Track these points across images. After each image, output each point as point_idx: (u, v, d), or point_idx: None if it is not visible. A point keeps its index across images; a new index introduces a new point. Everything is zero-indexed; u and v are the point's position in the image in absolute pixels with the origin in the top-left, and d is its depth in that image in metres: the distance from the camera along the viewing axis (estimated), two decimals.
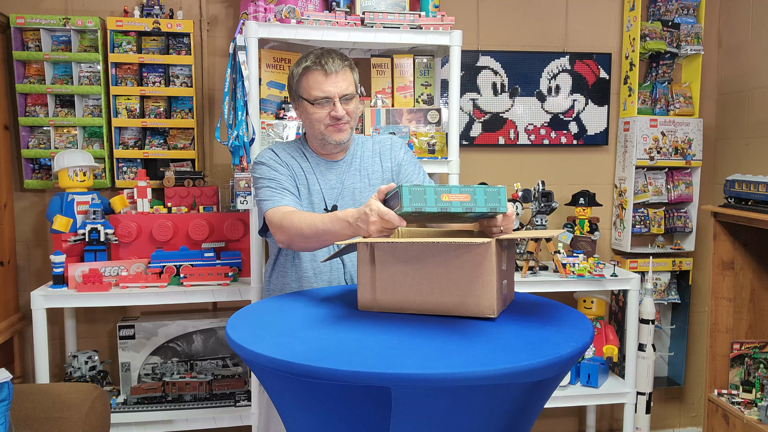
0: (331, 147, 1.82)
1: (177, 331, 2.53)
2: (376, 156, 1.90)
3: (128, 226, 2.35)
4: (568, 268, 2.55)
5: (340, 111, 1.74)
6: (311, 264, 1.83)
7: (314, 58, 1.75)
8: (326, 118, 1.76)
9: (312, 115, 1.77)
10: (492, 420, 1.11)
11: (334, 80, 1.73)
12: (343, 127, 1.78)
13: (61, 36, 2.56)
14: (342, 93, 1.75)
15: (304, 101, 1.77)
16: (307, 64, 1.75)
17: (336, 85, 1.73)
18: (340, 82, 1.74)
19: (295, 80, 1.79)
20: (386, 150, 1.92)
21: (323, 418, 1.12)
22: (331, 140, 1.79)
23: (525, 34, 2.94)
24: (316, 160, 1.85)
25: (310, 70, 1.74)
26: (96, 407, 1.88)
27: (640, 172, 2.99)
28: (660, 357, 3.16)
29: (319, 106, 1.75)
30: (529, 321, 1.32)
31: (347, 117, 1.77)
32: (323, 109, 1.75)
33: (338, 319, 1.34)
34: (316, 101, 1.75)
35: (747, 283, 2.74)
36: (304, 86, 1.76)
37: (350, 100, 1.78)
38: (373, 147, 1.92)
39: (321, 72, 1.73)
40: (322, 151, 1.85)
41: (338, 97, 1.74)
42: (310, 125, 1.80)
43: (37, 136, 2.58)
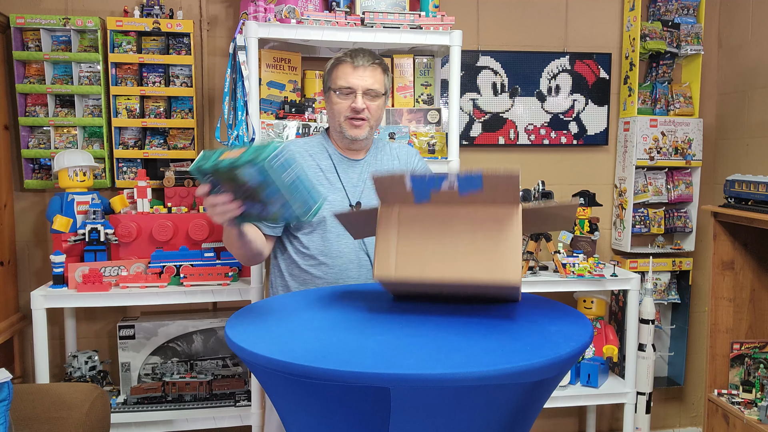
0: (348, 142, 1.85)
1: (177, 331, 2.53)
2: (395, 158, 1.94)
3: (128, 226, 2.35)
4: (568, 268, 2.55)
5: (360, 103, 1.77)
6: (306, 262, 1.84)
7: (347, 52, 1.81)
8: (347, 109, 1.79)
9: (334, 105, 1.81)
10: (492, 420, 1.11)
11: (361, 74, 1.78)
12: (360, 123, 1.80)
13: (61, 36, 2.56)
14: (366, 87, 1.78)
15: (330, 91, 1.82)
16: (339, 56, 1.82)
17: (361, 78, 1.78)
18: (367, 76, 1.78)
19: (327, 72, 1.85)
20: (403, 155, 1.96)
21: (323, 419, 1.12)
22: (347, 134, 1.81)
23: (525, 34, 2.95)
24: (339, 157, 1.87)
25: (341, 62, 1.80)
26: (96, 407, 1.88)
27: (640, 172, 2.99)
28: (660, 357, 3.16)
29: (341, 96, 1.79)
30: (529, 321, 1.32)
31: (367, 113, 1.79)
32: (345, 100, 1.79)
33: (338, 319, 1.34)
34: (339, 90, 1.79)
35: (747, 283, 2.74)
36: (333, 77, 1.82)
37: (375, 98, 1.81)
38: (391, 151, 1.96)
39: (349, 64, 1.78)
40: (343, 147, 1.87)
41: (361, 90, 1.78)
42: (331, 116, 1.85)
43: (37, 136, 2.58)
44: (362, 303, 1.49)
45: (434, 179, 1.26)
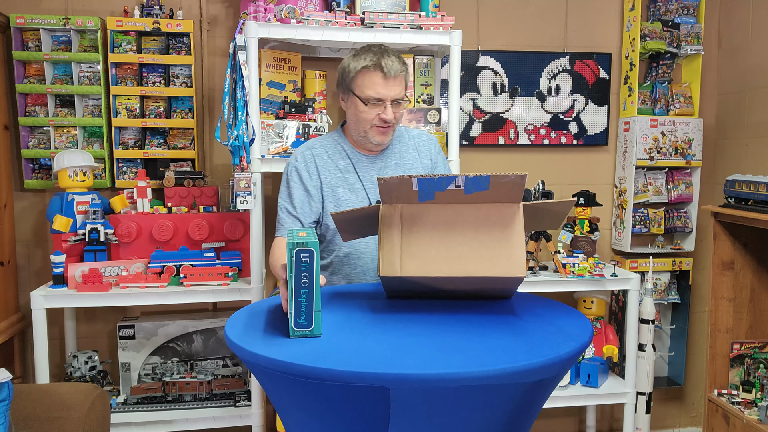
0: (372, 146, 1.84)
1: (177, 331, 2.53)
2: (414, 150, 1.92)
3: (128, 226, 2.35)
4: (568, 268, 2.55)
5: (390, 115, 1.76)
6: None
7: (375, 58, 1.74)
8: (375, 119, 1.77)
9: (361, 113, 1.78)
10: (492, 420, 1.11)
11: (392, 84, 1.75)
12: (387, 130, 1.80)
13: (61, 36, 2.56)
14: (394, 97, 1.76)
15: (356, 98, 1.78)
16: (366, 63, 1.75)
17: (392, 89, 1.75)
18: (396, 86, 1.76)
19: (351, 76, 1.78)
20: (423, 145, 1.94)
21: (322, 419, 1.12)
22: (374, 140, 1.81)
23: (525, 34, 2.94)
24: (357, 156, 1.87)
25: (370, 69, 1.74)
26: (96, 407, 1.88)
27: (640, 172, 2.99)
28: (660, 357, 3.16)
29: (371, 106, 1.76)
30: (529, 321, 1.32)
31: (393, 120, 1.79)
32: (374, 110, 1.76)
33: (337, 319, 1.34)
34: (369, 101, 1.75)
35: (747, 283, 2.74)
36: (359, 84, 1.76)
37: (399, 105, 1.79)
38: (410, 141, 1.94)
39: (380, 74, 1.74)
40: (362, 147, 1.87)
41: (390, 100, 1.75)
42: (356, 122, 1.81)
43: (37, 136, 2.58)
44: (362, 303, 1.49)
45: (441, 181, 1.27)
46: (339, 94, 1.87)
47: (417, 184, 1.27)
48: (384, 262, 1.32)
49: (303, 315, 1.20)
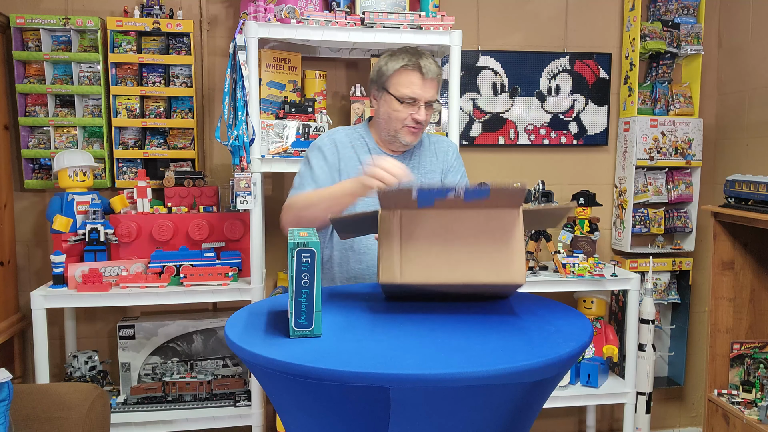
0: (399, 145, 1.85)
1: (177, 331, 2.53)
2: (433, 154, 1.93)
3: (128, 226, 2.35)
4: (568, 268, 2.55)
5: (423, 116, 1.77)
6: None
7: (413, 58, 1.75)
8: (407, 118, 1.78)
9: (394, 112, 1.78)
10: (491, 420, 1.11)
11: (428, 86, 1.76)
12: (418, 131, 1.81)
13: (61, 36, 2.56)
14: (429, 99, 1.78)
15: (391, 96, 1.78)
16: (405, 62, 1.76)
17: (428, 90, 1.76)
18: (432, 88, 1.77)
19: (388, 74, 1.78)
20: (442, 150, 1.95)
21: (322, 419, 1.12)
22: (403, 140, 1.82)
23: (525, 34, 2.95)
24: (378, 153, 1.87)
25: (408, 68, 1.75)
26: (96, 407, 1.88)
27: (640, 172, 2.99)
28: (660, 357, 3.16)
29: (405, 105, 1.77)
30: (529, 321, 1.32)
31: (425, 122, 1.80)
32: (407, 110, 1.77)
33: (337, 319, 1.34)
34: (404, 100, 1.76)
35: (747, 283, 2.74)
36: (395, 82, 1.77)
37: (431, 107, 1.80)
38: (430, 145, 1.94)
39: (419, 74, 1.75)
40: (385, 144, 1.87)
41: (424, 101, 1.77)
42: (387, 120, 1.81)
43: (37, 136, 2.58)
44: (362, 303, 1.49)
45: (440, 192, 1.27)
46: (371, 92, 1.87)
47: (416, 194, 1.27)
48: (383, 269, 1.31)
49: (303, 315, 1.21)
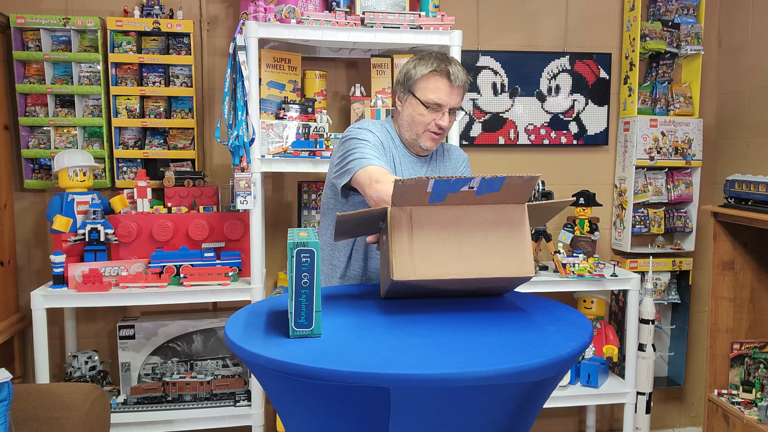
0: (419, 150, 1.86)
1: (177, 331, 2.53)
2: (447, 160, 1.95)
3: (128, 226, 2.35)
4: (568, 268, 2.55)
5: (446, 122, 1.78)
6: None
7: (442, 64, 1.76)
8: (430, 123, 1.78)
9: (419, 116, 1.78)
10: (492, 420, 1.11)
11: (455, 93, 1.77)
12: (439, 138, 1.82)
13: (61, 36, 2.56)
14: (454, 106, 1.78)
15: (417, 100, 1.78)
16: (434, 68, 1.76)
17: (454, 98, 1.77)
18: (457, 96, 1.78)
19: (416, 78, 1.78)
20: (454, 157, 1.97)
21: (322, 419, 1.12)
22: (423, 145, 1.82)
23: (525, 34, 2.95)
24: (403, 152, 1.87)
25: (437, 74, 1.76)
26: (96, 407, 1.88)
27: (640, 172, 2.99)
28: (660, 357, 3.16)
29: (430, 110, 1.77)
30: (529, 321, 1.32)
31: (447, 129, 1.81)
32: (432, 114, 1.78)
33: (337, 319, 1.34)
34: (430, 105, 1.76)
35: (747, 283, 2.74)
36: (423, 87, 1.77)
37: (454, 114, 1.81)
38: (445, 153, 1.96)
39: (447, 80, 1.75)
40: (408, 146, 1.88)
41: (449, 108, 1.78)
42: (411, 124, 1.82)
43: (37, 136, 2.58)
44: (362, 303, 1.49)
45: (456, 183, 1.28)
46: (396, 93, 1.87)
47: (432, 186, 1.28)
48: (397, 266, 1.31)
49: (303, 315, 1.21)
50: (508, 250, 1.32)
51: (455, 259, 1.31)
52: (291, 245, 1.18)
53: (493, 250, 1.31)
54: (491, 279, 1.33)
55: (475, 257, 1.31)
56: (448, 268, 1.31)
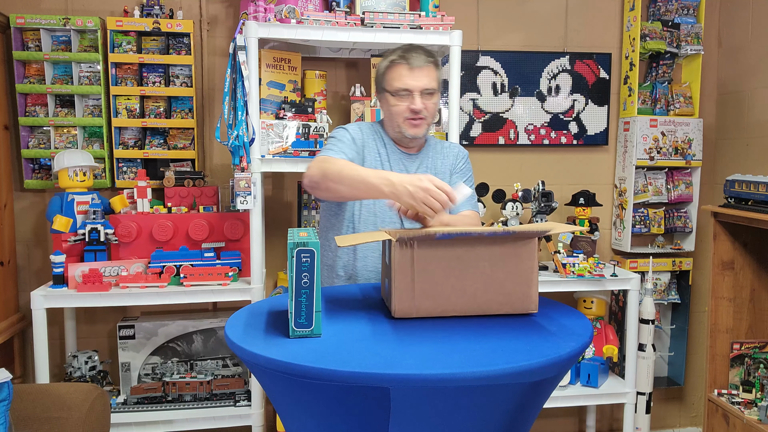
0: (407, 141, 1.87)
1: (177, 331, 2.53)
2: (445, 157, 1.96)
3: (128, 226, 2.35)
4: (568, 268, 2.55)
5: (419, 104, 1.80)
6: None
7: (401, 52, 1.81)
8: (405, 111, 1.81)
9: (392, 107, 1.82)
10: (491, 420, 1.11)
11: (418, 75, 1.79)
12: (420, 122, 1.83)
13: (61, 36, 2.56)
14: (423, 87, 1.80)
15: (387, 93, 1.83)
16: (393, 57, 1.82)
17: (418, 79, 1.79)
18: (423, 77, 1.80)
19: (381, 73, 1.85)
20: (453, 154, 1.98)
21: (322, 419, 1.12)
22: (407, 134, 1.84)
23: (525, 34, 2.94)
24: (393, 149, 1.90)
25: (396, 63, 1.81)
26: (96, 407, 1.88)
27: (640, 172, 2.99)
28: (660, 357, 3.16)
29: (399, 98, 1.81)
30: (528, 321, 1.32)
31: (425, 112, 1.82)
32: (403, 102, 1.81)
33: (337, 319, 1.34)
34: (397, 93, 1.80)
35: (747, 283, 2.74)
36: (388, 79, 1.82)
37: (431, 96, 1.83)
38: (442, 149, 1.98)
39: (405, 66, 1.79)
40: (399, 143, 1.90)
41: (419, 91, 1.80)
42: (389, 117, 1.86)
43: (37, 136, 2.58)
44: (362, 303, 1.49)
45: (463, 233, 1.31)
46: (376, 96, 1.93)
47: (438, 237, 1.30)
48: (397, 302, 1.32)
49: (303, 315, 1.21)
50: (514, 286, 1.33)
51: (458, 295, 1.32)
52: (291, 245, 1.18)
53: (498, 287, 1.33)
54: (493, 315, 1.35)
55: (479, 295, 1.33)
56: (450, 306, 1.33)
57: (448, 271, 1.32)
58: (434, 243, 1.31)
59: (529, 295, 1.34)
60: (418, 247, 1.31)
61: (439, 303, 1.32)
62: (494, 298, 1.33)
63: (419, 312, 1.33)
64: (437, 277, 1.32)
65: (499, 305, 1.33)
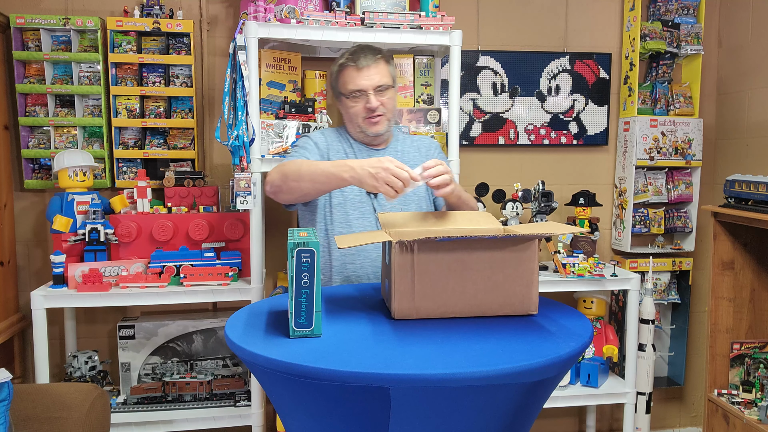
0: (370, 138, 1.91)
1: (177, 331, 2.53)
2: (416, 151, 1.99)
3: (128, 226, 2.35)
4: (568, 268, 2.55)
5: (374, 102, 1.83)
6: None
7: (348, 55, 1.85)
8: (362, 110, 1.85)
9: (350, 109, 1.86)
10: (491, 420, 1.11)
11: (367, 74, 1.82)
12: (378, 119, 1.86)
13: (61, 36, 2.56)
14: (375, 85, 1.83)
15: (342, 96, 1.87)
16: (341, 61, 1.86)
17: (369, 78, 1.82)
18: (373, 75, 1.83)
19: (334, 78, 1.90)
20: (425, 146, 2.01)
21: (322, 419, 1.12)
22: (369, 132, 1.87)
23: (525, 34, 2.94)
24: (359, 147, 1.93)
25: (345, 67, 1.85)
26: (96, 407, 1.88)
27: (640, 172, 2.99)
28: (660, 357, 3.16)
29: (353, 99, 1.84)
30: (528, 321, 1.32)
31: (382, 108, 1.85)
32: (358, 103, 1.84)
33: (337, 319, 1.34)
34: (351, 95, 1.84)
35: (747, 283, 2.74)
36: (341, 82, 1.87)
37: (384, 91, 1.86)
38: (413, 143, 2.00)
39: (354, 67, 1.83)
40: (365, 140, 1.93)
41: (371, 89, 1.83)
42: (349, 119, 1.90)
43: (37, 136, 2.58)
44: (362, 303, 1.49)
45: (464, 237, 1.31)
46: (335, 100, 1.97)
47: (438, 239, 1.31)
48: (397, 303, 1.33)
49: (303, 315, 1.21)
50: (514, 288, 1.34)
51: (458, 297, 1.33)
52: (291, 245, 1.18)
53: (499, 288, 1.33)
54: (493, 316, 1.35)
55: (479, 297, 1.33)
56: (450, 307, 1.33)
57: (449, 273, 1.32)
58: (434, 245, 1.32)
59: (529, 296, 1.34)
60: (419, 249, 1.32)
61: (439, 304, 1.33)
62: (494, 300, 1.33)
63: (419, 313, 1.33)
64: (437, 279, 1.32)
65: (499, 307, 1.34)
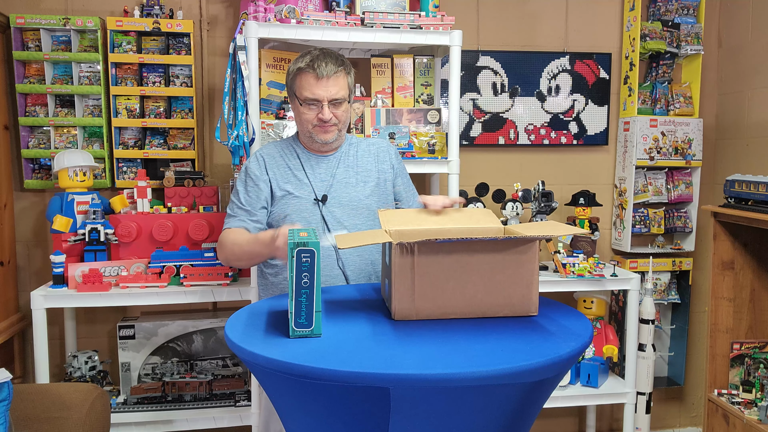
0: (318, 145, 1.88)
1: (177, 331, 2.53)
2: (371, 156, 1.95)
3: (128, 226, 2.35)
4: (568, 268, 2.55)
5: (327, 114, 1.79)
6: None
7: (309, 60, 1.79)
8: (314, 119, 1.81)
9: (302, 114, 1.83)
10: (491, 420, 1.11)
11: (325, 84, 1.78)
12: (329, 129, 1.83)
13: (61, 36, 2.56)
14: (331, 97, 1.79)
15: (297, 100, 1.83)
16: (301, 65, 1.80)
17: (326, 89, 1.78)
18: (331, 86, 1.78)
19: (290, 77, 1.85)
20: (383, 152, 1.97)
21: (322, 419, 1.12)
22: (318, 139, 1.85)
23: (525, 34, 2.94)
24: (307, 155, 1.91)
25: (303, 72, 1.79)
26: (96, 407, 1.88)
27: (640, 172, 2.99)
28: (660, 357, 3.16)
29: (307, 107, 1.81)
30: (528, 321, 1.32)
31: (334, 120, 1.82)
32: (311, 111, 1.81)
33: (337, 319, 1.34)
34: (305, 102, 1.80)
35: (747, 283, 2.74)
36: (297, 86, 1.82)
37: (339, 105, 1.82)
38: (368, 148, 1.97)
39: (313, 75, 1.77)
40: (312, 147, 1.90)
41: (327, 100, 1.79)
42: (299, 123, 1.87)
43: (37, 136, 2.58)
44: (362, 303, 1.49)
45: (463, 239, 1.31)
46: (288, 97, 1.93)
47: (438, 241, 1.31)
48: (397, 305, 1.33)
49: (303, 315, 1.21)
50: (514, 288, 1.34)
51: (458, 298, 1.33)
52: (291, 245, 1.18)
53: (499, 289, 1.33)
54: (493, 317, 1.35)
55: (479, 298, 1.33)
56: (450, 308, 1.33)
57: (449, 274, 1.32)
58: (435, 247, 1.32)
59: (529, 297, 1.34)
60: (419, 250, 1.32)
61: (439, 306, 1.33)
62: (494, 301, 1.33)
63: (419, 314, 1.33)
64: (437, 281, 1.32)
65: (500, 308, 1.34)
